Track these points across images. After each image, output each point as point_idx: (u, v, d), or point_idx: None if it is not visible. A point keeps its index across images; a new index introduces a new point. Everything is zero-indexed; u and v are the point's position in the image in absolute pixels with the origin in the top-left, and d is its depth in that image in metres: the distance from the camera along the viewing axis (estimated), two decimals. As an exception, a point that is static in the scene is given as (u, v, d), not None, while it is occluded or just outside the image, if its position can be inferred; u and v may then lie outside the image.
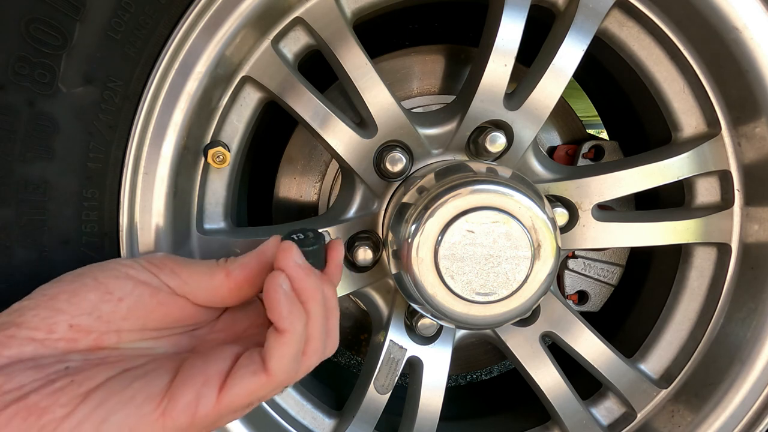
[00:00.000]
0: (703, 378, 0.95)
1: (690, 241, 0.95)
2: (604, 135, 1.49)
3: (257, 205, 1.25)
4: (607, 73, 1.07)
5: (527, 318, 0.95)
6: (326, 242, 0.64)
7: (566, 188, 0.91)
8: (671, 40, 0.87)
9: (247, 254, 0.61)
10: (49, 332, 0.51)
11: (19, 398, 0.47)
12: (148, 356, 0.56)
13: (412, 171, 0.88)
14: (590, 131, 1.32)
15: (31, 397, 0.47)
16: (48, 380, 0.49)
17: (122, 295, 0.55)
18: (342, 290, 0.90)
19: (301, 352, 0.54)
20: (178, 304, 0.58)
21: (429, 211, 0.74)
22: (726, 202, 0.94)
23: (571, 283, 1.19)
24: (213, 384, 0.51)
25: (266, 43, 0.79)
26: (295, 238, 0.61)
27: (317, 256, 0.62)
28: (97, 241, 0.73)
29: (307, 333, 0.55)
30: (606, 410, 1.03)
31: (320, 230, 0.86)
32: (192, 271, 0.58)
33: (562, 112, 1.23)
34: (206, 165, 0.82)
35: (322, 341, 0.57)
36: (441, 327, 0.95)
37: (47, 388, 0.48)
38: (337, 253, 0.65)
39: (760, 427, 0.91)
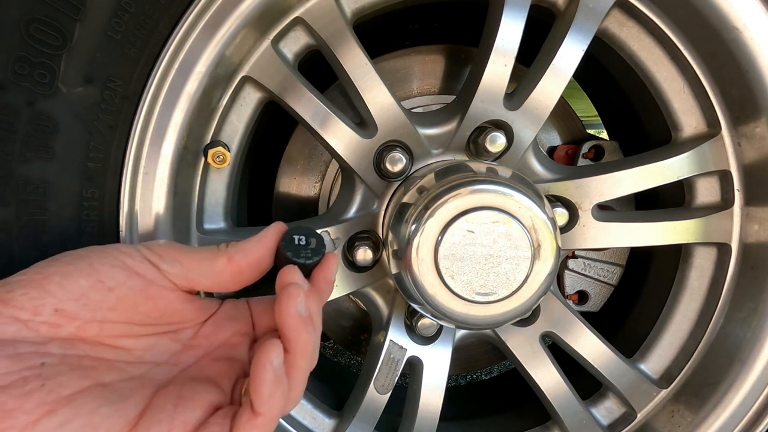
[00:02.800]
0: (703, 378, 0.95)
1: (690, 241, 0.95)
2: (604, 135, 1.49)
3: (257, 205, 1.25)
4: (607, 73, 1.07)
5: (527, 318, 0.95)
6: (322, 256, 0.63)
7: (566, 188, 0.91)
8: (671, 40, 0.87)
9: (249, 240, 0.61)
10: (34, 314, 0.51)
11: None
12: (123, 372, 0.54)
13: (412, 171, 0.88)
14: (590, 131, 1.32)
15: (1, 397, 0.46)
16: (21, 377, 0.48)
17: (113, 285, 0.54)
18: (342, 290, 0.90)
19: (273, 429, 0.51)
20: (167, 299, 0.58)
21: (429, 211, 0.74)
22: (726, 202, 0.94)
23: (571, 283, 1.19)
24: None
25: (266, 43, 0.79)
26: (296, 242, 0.60)
27: (307, 271, 0.61)
28: (97, 240, 0.72)
29: (290, 381, 0.53)
30: (606, 410, 1.03)
31: (320, 230, 0.86)
32: (194, 258, 0.59)
33: (562, 112, 1.23)
34: (206, 165, 0.82)
35: (304, 382, 0.57)
36: (441, 327, 0.95)
37: (17, 389, 0.47)
38: (331, 271, 0.63)
39: (760, 427, 0.91)
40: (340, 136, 0.84)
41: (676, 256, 1.01)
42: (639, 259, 1.17)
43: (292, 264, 0.59)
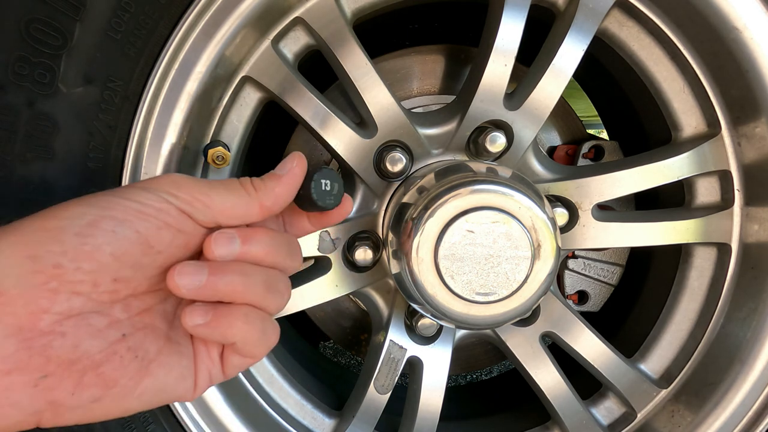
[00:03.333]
0: (703, 378, 0.95)
1: (690, 241, 0.95)
2: (604, 135, 1.49)
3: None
4: (607, 73, 1.07)
5: (527, 318, 0.95)
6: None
7: (566, 188, 0.91)
8: (671, 40, 0.87)
9: (276, 182, 0.61)
10: (94, 286, 0.51)
11: (93, 368, 0.51)
12: (167, 314, 0.59)
13: (412, 171, 0.88)
14: (590, 131, 1.32)
15: (105, 370, 0.51)
16: (113, 352, 0.52)
17: (162, 248, 0.55)
18: (342, 290, 0.90)
19: (264, 330, 0.58)
20: (199, 242, 0.59)
21: (429, 211, 0.74)
22: (726, 202, 0.94)
23: (571, 283, 1.19)
24: (218, 364, 0.60)
25: (266, 43, 0.79)
26: (323, 186, 0.62)
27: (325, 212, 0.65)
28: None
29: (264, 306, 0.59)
30: (606, 410, 1.03)
31: (320, 231, 0.86)
32: (225, 204, 0.58)
33: (562, 112, 1.23)
34: (206, 165, 0.82)
35: (277, 293, 0.60)
36: (441, 327, 0.95)
37: (116, 363, 0.52)
38: (346, 212, 0.66)
39: (760, 427, 0.91)
40: (340, 136, 0.84)
41: (676, 256, 1.01)
42: (639, 259, 1.17)
43: (314, 205, 0.62)
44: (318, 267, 0.90)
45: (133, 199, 0.54)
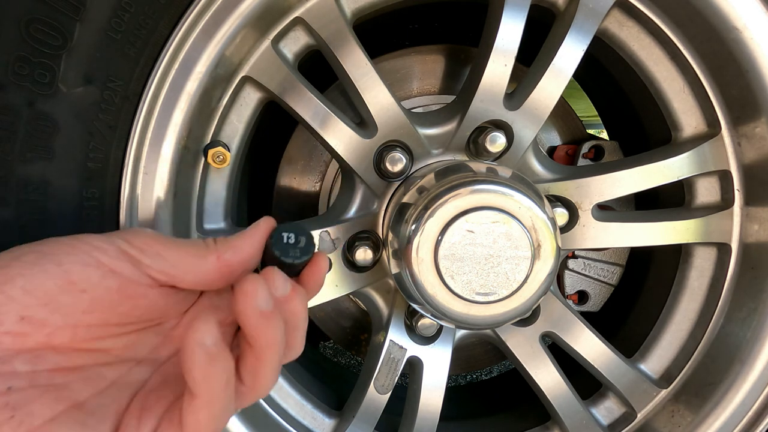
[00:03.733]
0: (703, 378, 0.95)
1: (690, 241, 0.95)
2: (604, 135, 1.49)
3: (257, 205, 1.26)
4: (607, 73, 1.07)
5: (527, 318, 0.95)
6: (312, 255, 0.58)
7: (566, 188, 0.91)
8: (671, 40, 0.87)
9: (237, 236, 0.55)
10: None
11: None
12: (100, 379, 0.50)
13: (412, 171, 0.88)
14: (590, 131, 1.32)
15: None
16: None
17: (86, 287, 0.48)
18: (342, 290, 0.90)
19: (222, 410, 0.46)
20: (148, 296, 0.52)
21: (429, 211, 0.74)
22: (726, 202, 0.94)
23: (571, 283, 1.19)
24: None
25: (266, 43, 0.79)
26: (284, 239, 0.56)
27: (297, 270, 0.58)
28: (97, 241, 0.72)
29: (257, 373, 0.50)
30: (606, 410, 1.03)
31: (320, 231, 0.86)
32: (180, 254, 0.52)
33: (562, 112, 1.23)
34: (206, 165, 0.82)
35: (273, 373, 0.51)
36: (441, 327, 0.95)
37: None
38: (321, 272, 0.58)
39: (760, 427, 0.91)
40: (340, 136, 0.84)
41: (676, 256, 1.01)
42: (639, 259, 1.17)
43: (280, 263, 0.55)
44: (318, 267, 0.90)
45: (72, 237, 0.50)
